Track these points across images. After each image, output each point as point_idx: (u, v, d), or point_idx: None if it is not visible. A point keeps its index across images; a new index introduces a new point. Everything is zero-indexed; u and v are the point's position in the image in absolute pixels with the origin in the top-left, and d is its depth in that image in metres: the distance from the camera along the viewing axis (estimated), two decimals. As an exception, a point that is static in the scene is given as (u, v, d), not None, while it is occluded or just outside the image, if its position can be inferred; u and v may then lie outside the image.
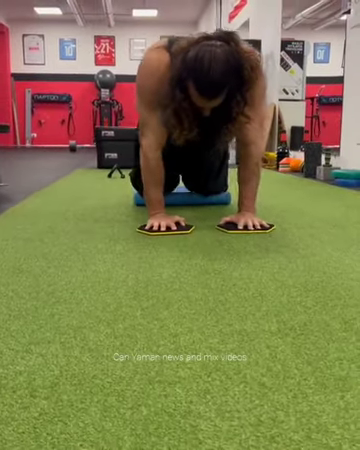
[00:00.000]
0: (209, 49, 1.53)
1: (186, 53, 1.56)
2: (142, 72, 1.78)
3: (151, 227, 1.82)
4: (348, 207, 2.54)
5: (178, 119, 1.66)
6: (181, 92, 1.59)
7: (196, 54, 1.53)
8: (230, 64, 1.53)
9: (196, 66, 1.52)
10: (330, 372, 0.77)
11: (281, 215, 2.20)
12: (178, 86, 1.59)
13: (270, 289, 1.18)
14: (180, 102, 1.61)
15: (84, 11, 10.61)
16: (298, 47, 6.22)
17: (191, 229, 1.83)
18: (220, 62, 1.51)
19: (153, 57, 1.75)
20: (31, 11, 11.19)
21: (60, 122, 12.49)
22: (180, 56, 1.58)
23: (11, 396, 0.70)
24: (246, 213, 1.87)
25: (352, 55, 4.07)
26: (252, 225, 1.81)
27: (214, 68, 1.50)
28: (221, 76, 1.52)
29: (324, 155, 4.05)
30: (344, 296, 1.13)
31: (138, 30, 12.28)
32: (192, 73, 1.54)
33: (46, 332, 0.93)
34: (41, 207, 2.45)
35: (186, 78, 1.56)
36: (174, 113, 1.65)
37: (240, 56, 1.56)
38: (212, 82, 1.53)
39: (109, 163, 4.78)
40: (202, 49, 1.53)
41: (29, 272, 1.32)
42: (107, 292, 1.16)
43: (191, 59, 1.53)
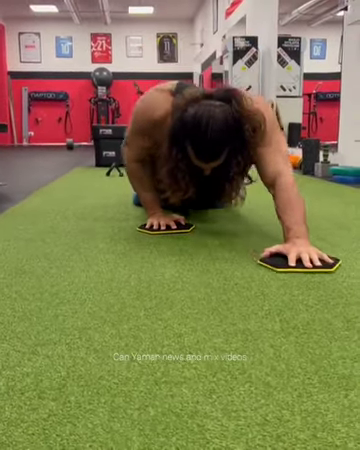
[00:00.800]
0: (207, 110, 1.44)
1: (184, 111, 1.48)
2: (140, 110, 1.75)
3: (151, 226, 1.83)
4: (347, 204, 2.55)
5: (174, 179, 1.58)
6: (178, 151, 1.52)
7: (194, 115, 1.45)
8: (229, 126, 1.45)
9: (194, 128, 1.44)
10: (334, 371, 0.78)
11: (280, 213, 2.20)
12: (175, 145, 1.52)
13: (272, 288, 1.19)
14: (177, 162, 1.53)
15: (80, 9, 10.59)
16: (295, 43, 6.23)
17: (191, 228, 1.84)
18: (218, 124, 1.43)
19: (157, 98, 1.70)
20: (27, 9, 11.16)
21: (57, 120, 12.47)
22: (178, 113, 1.51)
23: (19, 398, 0.71)
24: (297, 241, 1.41)
25: (349, 52, 4.08)
26: (309, 259, 1.34)
27: (212, 131, 1.42)
28: (219, 139, 1.45)
29: (322, 152, 4.06)
30: (346, 294, 1.14)
31: (134, 27, 12.27)
32: (189, 135, 1.47)
33: (51, 333, 0.93)
34: (41, 206, 2.45)
35: (183, 139, 1.49)
36: (170, 173, 1.57)
37: (241, 116, 1.47)
38: (209, 146, 1.46)
39: (107, 161, 4.78)
40: (200, 109, 1.45)
41: (32, 273, 1.33)
42: (110, 292, 1.17)
43: (189, 120, 1.46)
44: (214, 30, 9.60)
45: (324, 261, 1.35)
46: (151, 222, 1.85)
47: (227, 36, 7.52)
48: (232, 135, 1.47)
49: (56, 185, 3.51)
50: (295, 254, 1.35)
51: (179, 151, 1.51)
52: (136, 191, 2.01)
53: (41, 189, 3.21)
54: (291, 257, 1.35)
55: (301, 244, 1.40)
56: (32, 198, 2.79)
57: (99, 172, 4.41)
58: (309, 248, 1.39)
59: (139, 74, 11.94)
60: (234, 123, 1.46)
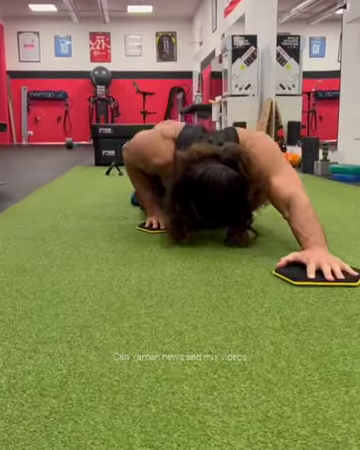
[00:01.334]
0: (214, 173, 1.44)
1: (190, 170, 1.48)
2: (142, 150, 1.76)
3: (151, 225, 1.83)
4: (346, 202, 2.55)
5: (178, 228, 1.58)
6: (182, 206, 1.52)
7: (200, 178, 1.44)
8: (233, 192, 1.45)
9: (199, 191, 1.45)
10: (334, 367, 0.79)
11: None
12: (178, 199, 1.52)
13: (272, 286, 1.19)
14: (180, 214, 1.53)
15: (79, 8, 10.58)
16: (294, 42, 6.22)
17: None
18: (223, 191, 1.43)
19: (158, 146, 1.70)
20: (26, 8, 11.15)
21: (56, 119, 12.46)
22: (183, 170, 1.50)
23: (21, 395, 0.71)
24: (317, 249, 1.31)
25: (348, 50, 4.08)
26: (330, 271, 1.21)
27: (217, 197, 1.44)
28: (223, 205, 1.47)
29: (322, 150, 4.07)
30: (346, 292, 1.14)
31: (133, 26, 12.26)
32: (195, 197, 1.47)
33: (52, 331, 0.94)
34: (41, 205, 2.45)
35: (187, 196, 1.49)
36: (173, 222, 1.58)
37: (247, 182, 1.46)
38: (213, 209, 1.48)
39: (106, 160, 4.79)
40: (207, 173, 1.44)
41: (32, 271, 1.33)
42: (111, 291, 1.17)
43: (195, 181, 1.45)
44: (213, 29, 9.60)
45: (347, 273, 1.22)
46: (151, 221, 1.85)
47: (226, 35, 7.51)
48: (236, 200, 1.47)
49: (56, 184, 3.51)
50: (315, 264, 1.23)
51: (182, 205, 1.51)
52: (136, 190, 2.06)
53: (41, 188, 3.21)
54: (310, 268, 1.22)
55: (321, 253, 1.29)
56: (32, 197, 2.79)
57: (98, 171, 4.41)
58: (330, 258, 1.28)
59: (138, 73, 11.93)
60: (238, 188, 1.45)
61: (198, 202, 1.48)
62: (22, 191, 3.02)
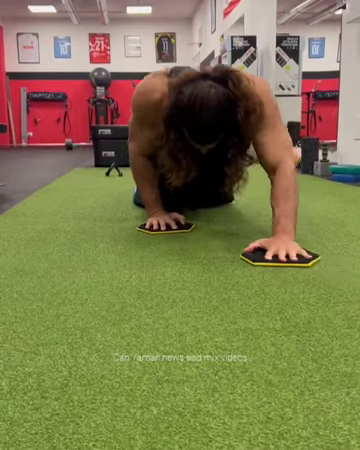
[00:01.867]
0: (202, 90, 1.42)
1: (180, 93, 1.47)
2: (139, 95, 1.75)
3: (151, 226, 1.83)
4: (346, 202, 2.55)
5: (175, 159, 1.56)
6: (176, 132, 1.51)
7: (189, 96, 1.43)
8: (223, 109, 1.43)
9: (188, 110, 1.43)
10: (335, 369, 0.78)
11: (280, 212, 2.21)
12: (172, 126, 1.51)
13: (273, 287, 1.19)
14: (175, 142, 1.52)
15: (78, 9, 10.58)
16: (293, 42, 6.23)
17: (191, 228, 1.84)
18: (212, 107, 1.41)
19: (152, 82, 1.71)
20: (25, 9, 11.15)
21: (56, 120, 12.47)
22: (174, 95, 1.49)
23: (22, 397, 0.71)
24: (281, 236, 1.46)
25: (348, 50, 4.08)
26: (285, 255, 1.38)
27: (205, 114, 1.41)
28: (212, 123, 1.44)
29: (321, 150, 4.07)
30: (346, 293, 1.14)
31: (133, 27, 12.26)
32: (184, 117, 1.46)
33: (53, 333, 0.94)
34: (41, 207, 2.45)
35: (179, 121, 1.49)
36: (170, 154, 1.56)
37: (236, 98, 1.45)
38: (204, 128, 1.45)
39: (106, 161, 4.78)
40: (195, 91, 1.43)
41: (32, 273, 1.33)
42: (111, 292, 1.17)
43: (183, 101, 1.44)
44: (212, 30, 9.60)
45: (302, 256, 1.39)
46: (151, 222, 1.85)
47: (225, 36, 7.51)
48: (226, 118, 1.45)
49: (55, 185, 3.51)
50: (274, 249, 1.40)
51: (176, 132, 1.51)
52: (139, 188, 2.00)
53: (40, 189, 3.21)
54: (269, 252, 1.40)
55: (283, 239, 1.44)
56: (32, 198, 2.79)
57: (98, 172, 4.41)
58: (289, 243, 1.43)
59: (138, 74, 11.90)
60: (228, 106, 1.44)
61: (190, 124, 1.46)
62: (22, 192, 3.02)
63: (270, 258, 1.38)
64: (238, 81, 1.47)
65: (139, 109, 1.76)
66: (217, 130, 1.47)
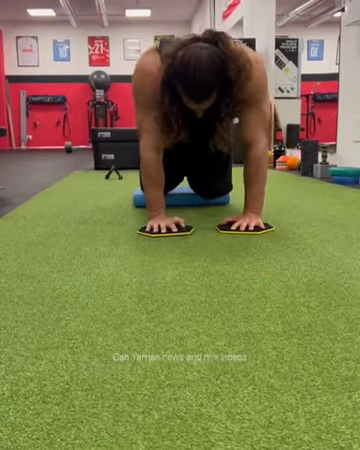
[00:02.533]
0: (194, 52, 1.52)
1: (174, 57, 1.56)
2: (136, 76, 1.81)
3: (151, 229, 1.83)
4: (346, 205, 2.55)
5: (167, 122, 1.67)
6: (171, 96, 1.60)
7: (182, 58, 1.53)
8: (215, 66, 1.53)
9: (182, 70, 1.53)
10: (337, 372, 0.78)
11: (279, 214, 2.21)
12: (167, 90, 1.61)
13: (273, 290, 1.19)
14: (170, 106, 1.62)
15: (77, 12, 10.60)
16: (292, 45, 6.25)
17: (191, 230, 1.84)
18: (205, 65, 1.51)
19: (145, 60, 1.78)
20: (24, 13, 11.17)
21: (55, 123, 12.48)
22: (168, 60, 1.58)
23: (23, 402, 0.71)
24: (249, 214, 1.85)
25: (347, 53, 4.08)
26: (245, 226, 1.79)
27: (199, 71, 1.50)
28: (207, 79, 1.53)
29: (321, 152, 4.07)
30: (347, 295, 1.14)
31: (132, 30, 12.28)
32: (179, 77, 1.55)
33: (54, 337, 0.93)
34: (41, 210, 2.45)
35: (174, 82, 1.58)
36: (163, 117, 1.66)
37: (227, 57, 1.55)
38: (198, 85, 1.54)
39: (106, 164, 4.79)
40: (188, 53, 1.53)
41: (33, 277, 1.33)
42: (112, 296, 1.17)
43: (177, 63, 1.54)
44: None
45: (258, 228, 1.80)
46: (151, 225, 1.84)
47: (224, 38, 7.51)
48: (219, 75, 1.54)
49: (55, 188, 3.51)
50: (239, 222, 1.82)
51: (171, 95, 1.60)
52: (144, 186, 1.97)
53: (40, 193, 3.21)
54: (235, 224, 1.82)
55: (250, 217, 1.84)
56: (32, 202, 2.79)
57: (98, 175, 4.42)
58: (253, 219, 1.82)
59: (137, 77, 11.92)
60: (220, 63, 1.54)
61: (184, 83, 1.55)
62: (22, 196, 3.02)
63: (234, 228, 1.80)
64: (227, 42, 1.58)
65: (141, 87, 1.79)
66: (211, 87, 1.56)
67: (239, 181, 2.01)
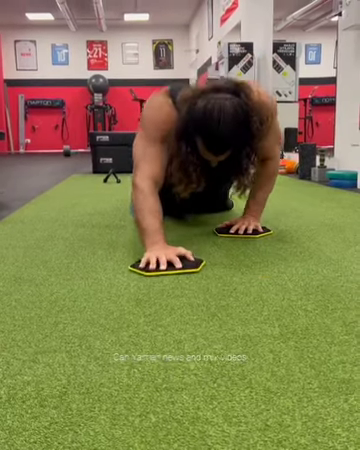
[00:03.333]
0: (218, 103, 1.43)
1: (193, 104, 1.46)
2: (149, 112, 1.70)
3: (147, 264, 1.40)
4: (343, 208, 2.56)
5: (185, 172, 1.57)
6: (187, 145, 1.51)
7: (204, 108, 1.43)
8: (239, 118, 1.44)
9: (204, 121, 1.43)
10: (333, 375, 0.79)
11: (278, 218, 2.22)
12: (184, 139, 1.51)
13: (270, 293, 1.19)
14: (187, 155, 1.52)
15: (76, 16, 10.63)
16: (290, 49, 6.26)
17: (201, 265, 1.42)
18: (229, 118, 1.42)
19: (159, 100, 1.66)
20: (22, 17, 11.20)
21: (54, 127, 12.49)
22: (186, 106, 1.49)
23: (21, 406, 0.71)
24: (248, 217, 1.86)
25: (344, 57, 4.10)
26: (244, 229, 1.80)
27: (223, 124, 1.41)
28: (230, 132, 1.44)
29: (319, 156, 4.08)
30: (344, 299, 1.15)
31: (130, 34, 12.32)
32: (200, 128, 1.46)
33: (51, 341, 0.94)
34: (39, 214, 2.45)
35: (193, 132, 1.48)
36: (181, 166, 1.56)
37: (250, 109, 1.47)
38: (221, 138, 1.45)
39: (104, 168, 4.80)
40: (210, 102, 1.43)
41: (31, 281, 1.33)
42: (109, 299, 1.17)
43: (199, 113, 1.44)
44: (209, 36, 9.65)
45: (256, 231, 1.82)
46: (147, 258, 1.42)
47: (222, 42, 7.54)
48: (242, 127, 1.46)
49: (53, 192, 3.52)
50: (237, 226, 1.82)
51: (189, 144, 1.51)
52: (137, 216, 1.58)
53: (39, 196, 3.21)
54: (233, 228, 1.82)
55: (248, 220, 1.85)
56: (30, 205, 2.79)
57: (96, 178, 4.42)
58: (251, 223, 1.84)
59: (135, 81, 11.97)
60: (244, 116, 1.46)
61: (205, 135, 1.46)
62: (20, 199, 3.02)
63: (232, 232, 1.81)
64: (250, 92, 1.50)
65: (152, 122, 1.65)
66: (233, 140, 1.47)
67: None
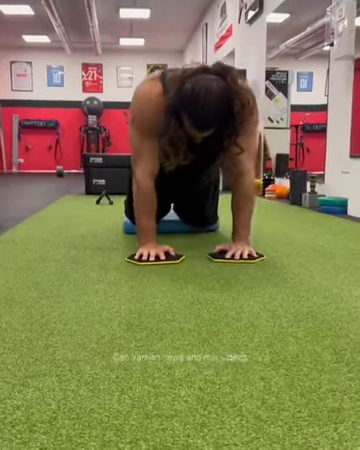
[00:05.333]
0: (205, 84, 1.57)
1: (182, 84, 1.60)
2: (136, 102, 1.85)
3: (140, 256, 1.83)
4: (334, 234, 2.58)
5: (174, 146, 1.70)
6: (176, 120, 1.64)
7: (192, 87, 1.57)
8: (223, 100, 1.58)
9: (191, 100, 1.57)
10: (323, 404, 0.79)
11: (269, 244, 2.23)
12: (173, 115, 1.64)
13: (262, 319, 1.20)
14: (176, 130, 1.65)
15: (72, 39, 10.78)
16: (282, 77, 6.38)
17: (181, 259, 1.85)
18: (214, 98, 1.56)
19: (147, 87, 1.82)
20: (19, 38, 11.34)
21: (47, 148, 12.54)
22: (176, 85, 1.62)
23: (10, 431, 0.70)
24: (239, 243, 1.88)
25: (335, 85, 4.18)
26: (239, 255, 1.82)
27: (208, 103, 1.55)
28: (214, 112, 1.58)
29: (309, 182, 4.12)
30: (334, 326, 1.15)
31: (125, 58, 12.48)
32: (187, 106, 1.59)
33: (42, 365, 0.93)
34: (31, 234, 2.45)
35: (181, 109, 1.62)
36: (170, 141, 1.69)
37: (234, 92, 1.60)
38: (205, 117, 1.59)
39: (97, 189, 4.82)
40: (198, 83, 1.57)
41: (21, 303, 1.33)
42: (100, 323, 1.17)
43: (187, 92, 1.58)
44: (203, 62, 9.77)
45: (251, 256, 1.84)
46: (141, 252, 1.85)
47: (216, 68, 7.66)
48: (225, 107, 1.60)
49: (46, 213, 3.52)
50: (232, 251, 1.84)
51: (177, 120, 1.64)
52: (136, 214, 1.94)
53: (31, 217, 3.21)
54: (229, 253, 1.84)
55: (240, 244, 1.88)
56: (22, 226, 2.79)
57: (89, 200, 4.43)
58: (244, 247, 1.86)
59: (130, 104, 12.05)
60: (227, 97, 1.59)
61: (191, 112, 1.60)
62: (12, 220, 3.02)
63: (228, 257, 1.82)
64: (236, 78, 1.63)
65: (140, 113, 1.83)
66: (215, 119, 1.62)
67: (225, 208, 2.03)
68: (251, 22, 6.52)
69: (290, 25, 6.93)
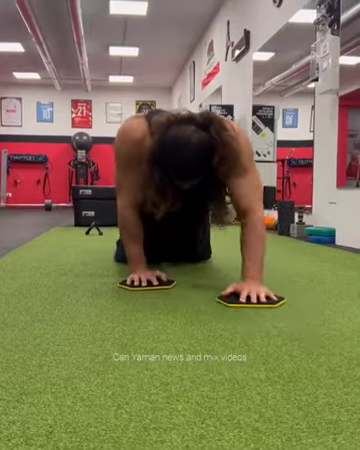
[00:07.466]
0: (185, 134, 1.56)
1: (164, 134, 1.59)
2: (120, 139, 1.86)
3: (132, 282, 1.83)
4: (323, 262, 2.60)
5: (162, 196, 1.65)
6: (159, 169, 1.60)
7: (173, 138, 1.56)
8: (201, 153, 1.56)
9: (170, 150, 1.56)
10: (321, 416, 0.79)
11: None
12: (156, 164, 1.61)
13: (256, 339, 1.20)
14: (161, 179, 1.61)
15: (62, 76, 10.98)
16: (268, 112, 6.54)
17: (173, 284, 1.85)
18: (192, 150, 1.55)
19: (132, 124, 1.84)
20: (10, 75, 11.52)
21: (36, 182, 12.57)
22: (158, 135, 1.60)
23: (6, 444, 0.69)
24: (251, 282, 1.64)
25: (320, 119, 4.29)
26: (256, 297, 1.56)
27: (185, 156, 1.55)
28: (191, 164, 1.58)
29: (297, 213, 4.18)
30: (328, 345, 1.16)
31: (114, 95, 12.71)
32: (167, 157, 1.58)
33: (36, 383, 0.92)
34: (21, 263, 2.44)
35: (163, 160, 1.59)
36: (157, 191, 1.64)
37: (216, 144, 1.57)
38: (186, 168, 1.59)
39: (86, 221, 4.82)
40: (179, 134, 1.56)
41: (14, 326, 1.32)
42: (94, 344, 1.16)
43: (168, 142, 1.57)
44: (191, 98, 10.01)
45: (270, 298, 1.57)
46: (132, 278, 1.85)
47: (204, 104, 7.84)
48: (203, 161, 1.58)
49: (36, 243, 3.51)
50: (246, 292, 1.57)
51: (161, 168, 1.60)
52: (124, 242, 1.99)
53: (21, 246, 3.20)
54: (242, 295, 1.56)
55: (253, 284, 1.63)
56: (12, 255, 2.78)
57: (78, 231, 4.43)
58: (259, 287, 1.62)
59: (118, 139, 12.20)
60: (207, 151, 1.57)
61: (172, 163, 1.58)
62: (1, 249, 3.01)
63: (243, 300, 1.54)
64: (220, 129, 1.61)
65: (123, 149, 1.84)
66: (195, 171, 1.61)
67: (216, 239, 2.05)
68: (238, 59, 6.71)
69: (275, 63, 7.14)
